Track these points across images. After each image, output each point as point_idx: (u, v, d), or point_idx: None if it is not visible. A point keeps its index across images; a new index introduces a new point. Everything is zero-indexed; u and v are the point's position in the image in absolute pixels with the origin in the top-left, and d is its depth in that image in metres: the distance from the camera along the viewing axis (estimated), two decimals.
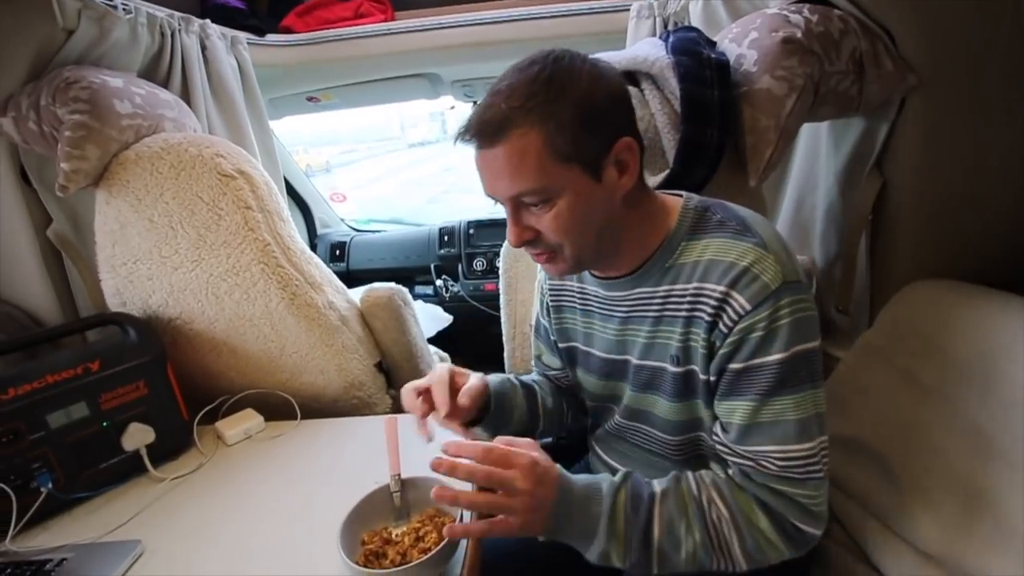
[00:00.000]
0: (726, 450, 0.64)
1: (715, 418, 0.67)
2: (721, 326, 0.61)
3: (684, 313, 0.65)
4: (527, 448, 0.62)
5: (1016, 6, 0.84)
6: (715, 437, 0.66)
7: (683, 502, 0.62)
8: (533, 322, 0.95)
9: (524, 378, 0.90)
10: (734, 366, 0.61)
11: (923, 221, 0.98)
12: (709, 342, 0.63)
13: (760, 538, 0.60)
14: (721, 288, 0.61)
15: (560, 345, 0.86)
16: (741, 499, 0.62)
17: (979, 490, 0.73)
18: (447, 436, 0.69)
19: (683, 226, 0.67)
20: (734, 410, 0.62)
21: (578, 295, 0.81)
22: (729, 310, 0.60)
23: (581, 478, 0.64)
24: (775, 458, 0.60)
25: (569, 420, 0.93)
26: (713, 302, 0.62)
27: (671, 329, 0.67)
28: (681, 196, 0.71)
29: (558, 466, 0.63)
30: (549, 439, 1.36)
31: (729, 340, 0.61)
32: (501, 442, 0.62)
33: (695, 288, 0.64)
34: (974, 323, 0.82)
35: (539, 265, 0.86)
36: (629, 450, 0.80)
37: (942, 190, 0.96)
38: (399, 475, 0.73)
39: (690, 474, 0.65)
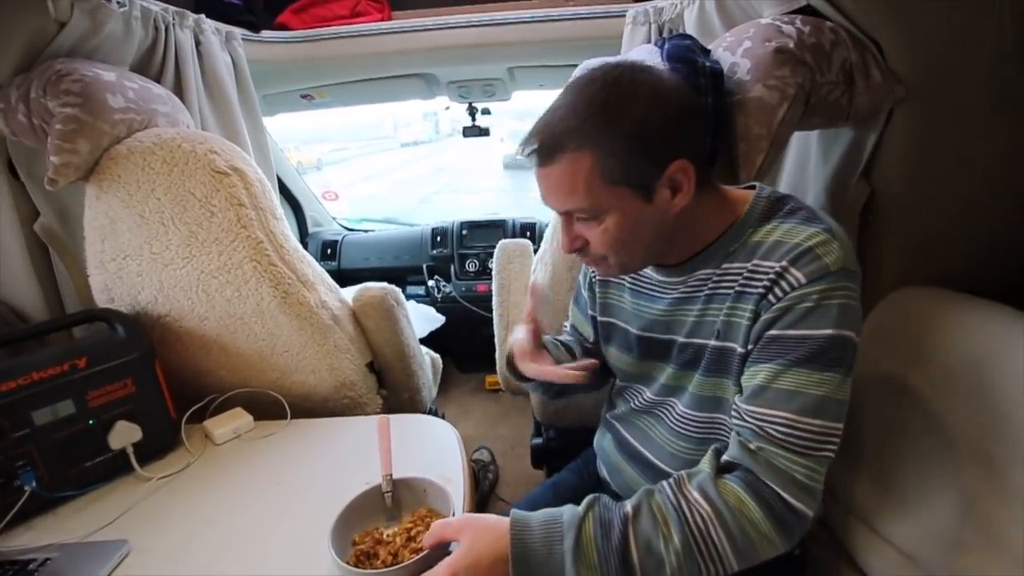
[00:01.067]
0: (736, 416, 0.64)
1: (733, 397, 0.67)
2: (771, 296, 0.62)
3: (735, 289, 0.66)
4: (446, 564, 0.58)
5: (1000, 21, 0.86)
6: (732, 408, 0.66)
7: (659, 514, 0.59)
8: (573, 298, 0.97)
9: (560, 338, 0.94)
10: (773, 332, 0.62)
11: (910, 230, 1.00)
12: (755, 313, 0.64)
13: (750, 530, 0.58)
14: (780, 264, 0.62)
15: (599, 319, 0.87)
16: (727, 491, 0.59)
17: (964, 494, 0.74)
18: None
19: (753, 214, 0.69)
20: (757, 373, 0.62)
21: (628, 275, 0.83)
22: (783, 283, 0.61)
23: (539, 515, 0.61)
24: (780, 424, 0.59)
25: (597, 380, 0.93)
26: (769, 277, 0.63)
27: (720, 306, 0.68)
28: (755, 187, 0.73)
29: (505, 518, 0.61)
30: (539, 440, 1.37)
31: (776, 307, 0.61)
32: (432, 535, 0.60)
33: (752, 265, 0.65)
34: (959, 330, 0.84)
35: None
36: (651, 426, 0.81)
37: (928, 199, 0.98)
38: (391, 475, 0.73)
39: (665, 482, 0.63)
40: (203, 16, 1.27)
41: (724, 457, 0.64)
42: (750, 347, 0.65)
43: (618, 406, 0.88)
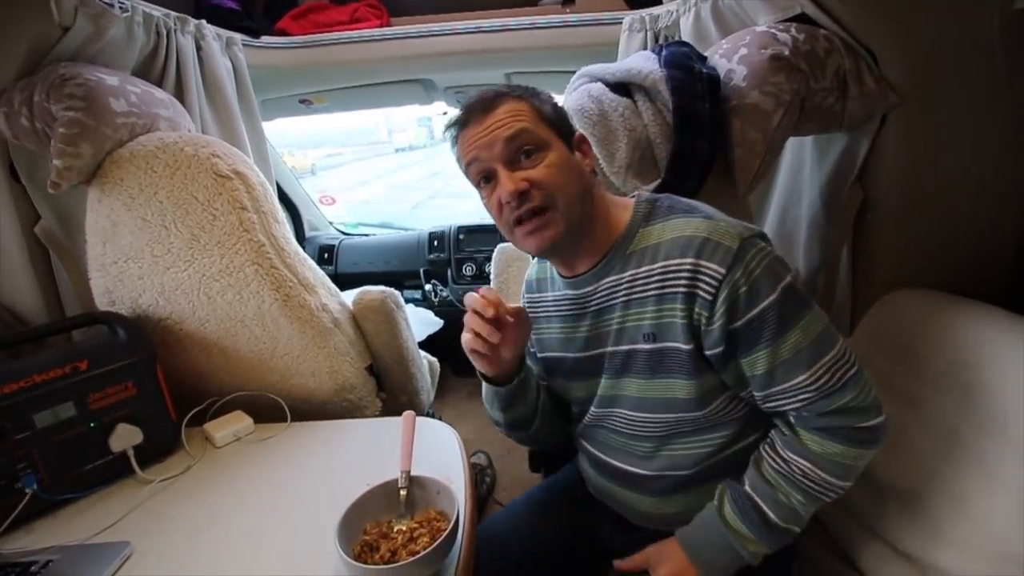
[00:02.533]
0: (767, 405, 0.70)
1: (698, 396, 0.71)
2: (702, 294, 0.66)
3: (654, 291, 0.70)
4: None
5: (991, 29, 0.89)
6: (758, 401, 0.71)
7: (772, 480, 0.70)
8: None
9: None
10: (736, 325, 0.65)
11: (902, 233, 1.02)
12: (693, 313, 0.67)
13: (843, 460, 0.66)
14: (688, 260, 0.66)
15: (539, 355, 0.88)
16: (808, 440, 0.68)
17: (956, 493, 0.76)
18: None
19: (638, 216, 0.74)
20: (755, 363, 0.67)
21: (552, 303, 0.84)
22: (705, 277, 0.65)
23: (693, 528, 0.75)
24: (807, 384, 0.65)
25: (556, 429, 0.93)
26: (685, 275, 0.67)
27: (641, 310, 0.71)
28: (633, 196, 0.79)
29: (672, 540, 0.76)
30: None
31: (719, 304, 0.65)
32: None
33: (661, 267, 0.69)
34: (951, 332, 0.85)
35: (524, 279, 0.89)
36: (605, 437, 0.82)
37: (921, 204, 1.00)
38: (408, 472, 0.74)
39: (763, 448, 0.72)
40: (204, 22, 1.28)
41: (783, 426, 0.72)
42: (716, 349, 0.67)
43: (576, 426, 0.89)
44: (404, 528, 0.68)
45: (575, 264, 0.77)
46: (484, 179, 0.73)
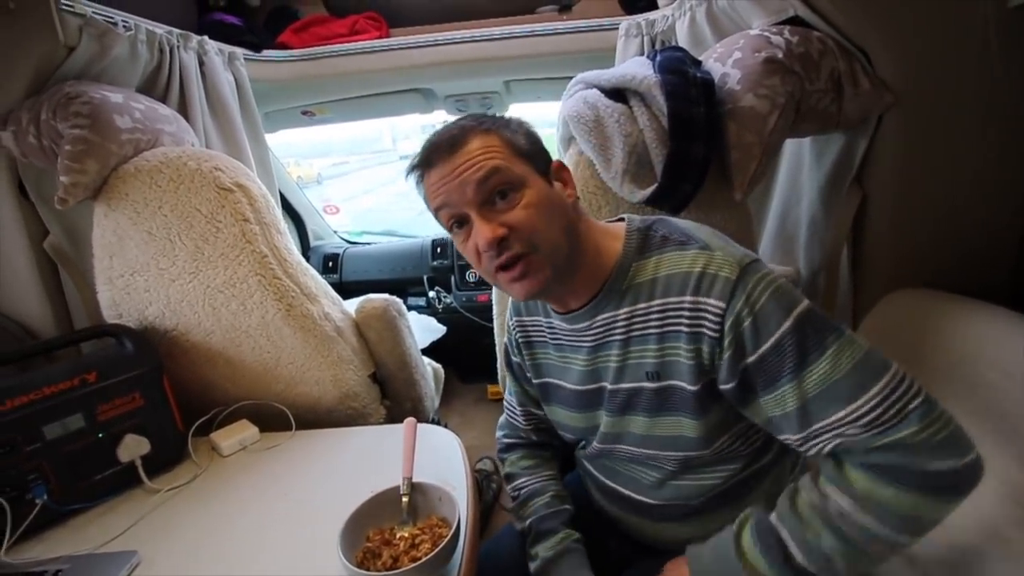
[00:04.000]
0: (804, 445, 0.60)
1: (705, 434, 0.66)
2: (708, 333, 0.61)
3: (655, 330, 0.66)
4: None
5: (985, 29, 0.89)
6: (788, 441, 0.62)
7: (802, 516, 0.59)
8: (504, 364, 0.93)
9: (567, 507, 0.85)
10: (749, 361, 0.60)
11: (902, 233, 1.02)
12: (699, 353, 0.63)
13: (896, 506, 0.54)
14: (688, 298, 0.62)
15: (535, 381, 0.86)
16: (853, 476, 0.56)
17: None
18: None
19: (631, 247, 0.69)
20: (782, 401, 0.59)
21: (547, 329, 0.81)
22: (706, 315, 0.61)
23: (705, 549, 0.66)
24: (850, 419, 0.55)
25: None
26: (687, 313, 0.62)
27: (642, 348, 0.68)
28: (623, 220, 0.73)
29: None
30: None
31: (726, 343, 0.60)
32: None
33: (660, 304, 0.65)
34: (952, 330, 0.85)
35: (510, 301, 0.87)
36: (611, 464, 0.81)
37: (919, 203, 0.99)
38: (410, 478, 0.75)
39: (799, 481, 0.62)
40: (206, 38, 1.30)
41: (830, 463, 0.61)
42: (727, 384, 0.62)
43: (579, 450, 0.87)
44: (406, 535, 0.69)
45: (567, 301, 0.73)
46: (456, 224, 0.67)
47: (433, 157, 0.66)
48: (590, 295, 0.71)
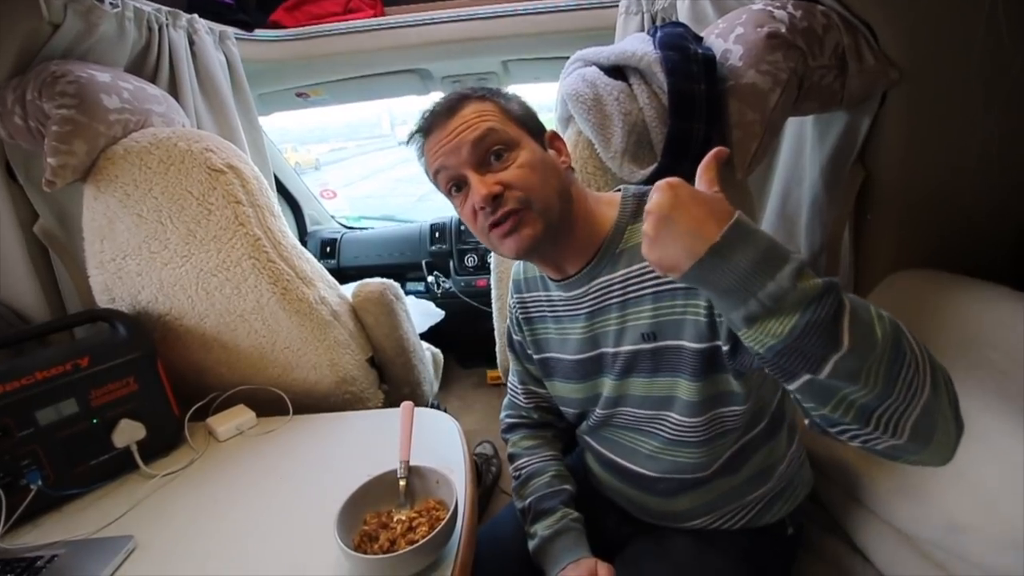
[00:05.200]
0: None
1: (700, 400, 0.66)
2: None
3: (650, 290, 0.67)
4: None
5: (993, 3, 0.86)
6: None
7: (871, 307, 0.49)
8: (506, 344, 0.94)
9: (567, 487, 0.84)
10: None
11: (904, 212, 1.01)
12: (700, 306, 0.62)
13: (945, 392, 0.48)
14: None
15: (535, 357, 0.86)
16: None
17: (959, 473, 0.75)
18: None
19: (625, 212, 0.71)
20: None
21: (546, 303, 0.81)
22: None
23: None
24: None
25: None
26: None
27: (638, 309, 0.68)
28: (619, 190, 0.75)
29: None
30: None
31: None
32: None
33: None
34: (954, 311, 0.84)
35: (511, 279, 0.87)
36: (612, 434, 0.81)
37: (923, 182, 0.98)
38: (407, 462, 0.74)
39: None
40: (196, 16, 1.27)
41: None
42: (725, 346, 0.60)
43: (580, 425, 0.87)
44: (403, 518, 0.68)
45: (562, 266, 0.74)
46: (455, 187, 0.69)
47: (432, 123, 0.69)
48: (586, 259, 0.72)
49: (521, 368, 0.93)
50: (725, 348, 0.62)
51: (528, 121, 0.70)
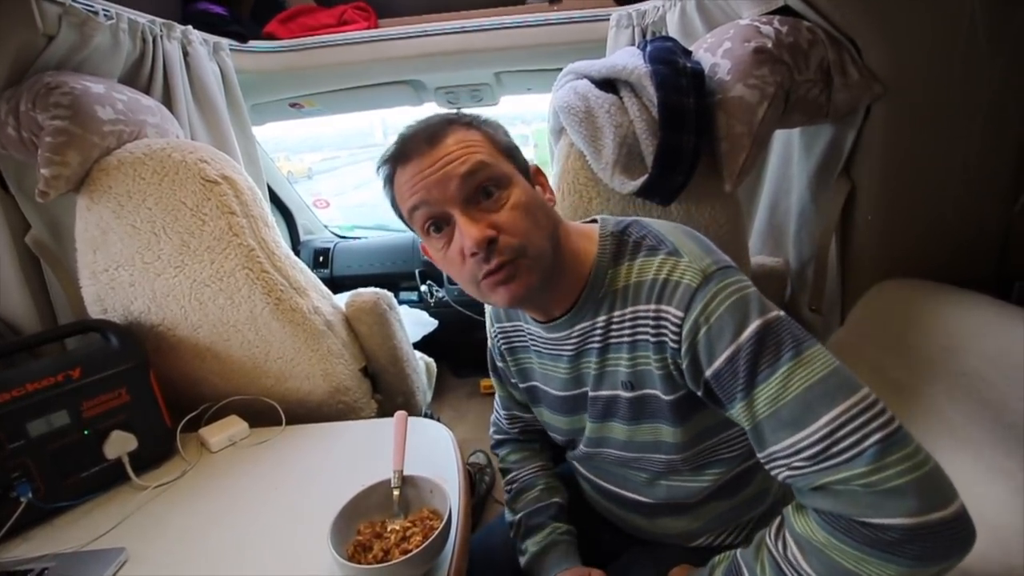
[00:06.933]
0: (767, 466, 0.55)
1: (686, 440, 0.65)
2: (669, 342, 0.59)
3: (627, 339, 0.64)
4: None
5: (972, 20, 0.89)
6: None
7: (760, 560, 0.55)
8: (489, 367, 0.93)
9: (557, 500, 0.85)
10: (707, 375, 0.57)
11: (890, 223, 1.03)
12: (665, 362, 0.61)
13: (833, 555, 0.48)
14: (652, 306, 0.60)
15: (521, 385, 0.85)
16: (800, 520, 0.52)
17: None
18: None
19: (605, 254, 0.66)
20: (740, 418, 0.56)
21: (528, 336, 0.79)
22: (667, 323, 0.59)
23: None
24: (799, 450, 0.50)
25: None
26: (651, 321, 0.61)
27: (617, 356, 0.66)
28: (596, 222, 0.70)
29: None
30: None
31: (684, 352, 0.58)
32: None
33: (631, 312, 0.63)
34: (939, 320, 0.86)
35: (489, 310, 0.86)
36: (600, 465, 0.80)
37: (906, 193, 1.00)
38: (401, 471, 0.74)
39: (774, 522, 0.57)
40: (190, 27, 1.27)
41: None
42: (699, 392, 0.60)
43: (568, 451, 0.86)
44: (397, 527, 0.69)
45: (549, 309, 0.70)
46: (434, 227, 0.61)
47: (409, 149, 0.60)
48: (570, 303, 0.68)
49: (505, 393, 0.92)
50: (699, 393, 0.60)
51: (516, 155, 0.65)
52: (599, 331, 0.67)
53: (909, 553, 0.45)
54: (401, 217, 0.66)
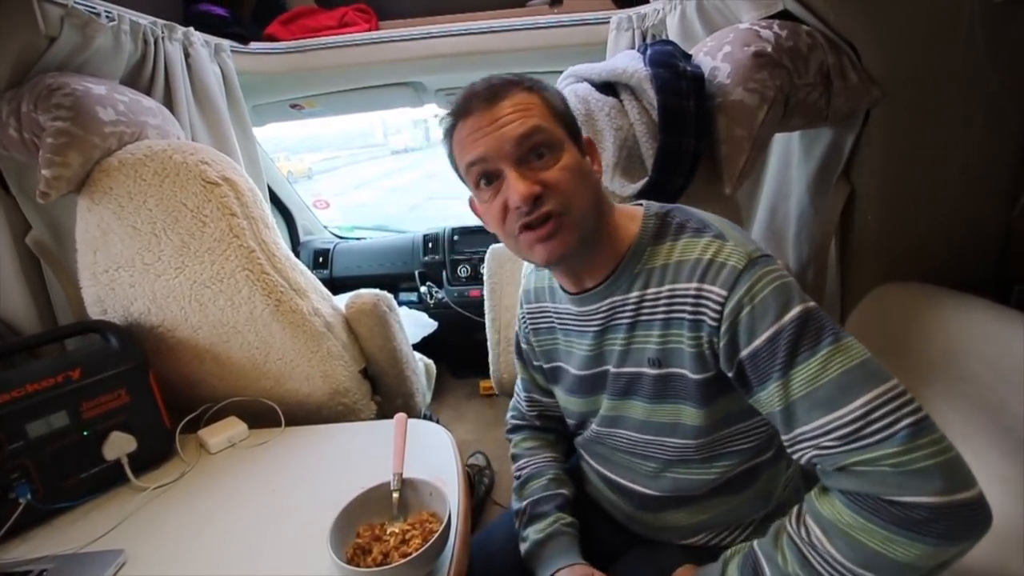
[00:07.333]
0: (790, 449, 0.58)
1: (706, 424, 0.66)
2: (708, 320, 0.60)
3: (661, 316, 0.65)
4: None
5: (971, 23, 0.89)
6: (786, 446, 0.59)
7: (779, 546, 0.57)
8: (514, 351, 0.94)
9: (564, 492, 0.85)
10: (743, 354, 0.58)
11: (889, 226, 1.03)
12: (699, 340, 0.62)
13: (860, 536, 0.50)
14: (693, 285, 0.62)
15: (545, 366, 0.86)
16: (825, 503, 0.54)
17: None
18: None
19: (647, 232, 0.68)
20: (771, 400, 0.57)
21: (554, 315, 0.81)
22: (707, 302, 0.60)
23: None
24: (831, 430, 0.52)
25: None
26: (690, 300, 0.62)
27: (647, 333, 0.67)
28: (641, 205, 0.72)
29: None
30: None
31: (723, 331, 0.59)
32: None
33: (668, 291, 0.64)
34: (938, 323, 0.86)
35: (521, 289, 0.86)
36: (607, 452, 0.81)
37: (907, 196, 1.00)
38: (401, 474, 0.74)
39: (792, 511, 0.59)
40: (192, 29, 1.28)
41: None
42: (730, 373, 0.61)
43: (577, 436, 0.87)
44: (397, 530, 0.69)
45: (583, 278, 0.71)
46: (485, 180, 0.64)
47: (471, 106, 0.63)
48: (604, 275, 0.69)
49: (527, 376, 0.93)
50: (730, 374, 0.61)
51: (570, 123, 0.67)
52: (631, 307, 0.68)
53: (935, 532, 0.47)
54: (456, 169, 0.69)
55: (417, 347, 1.51)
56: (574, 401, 0.81)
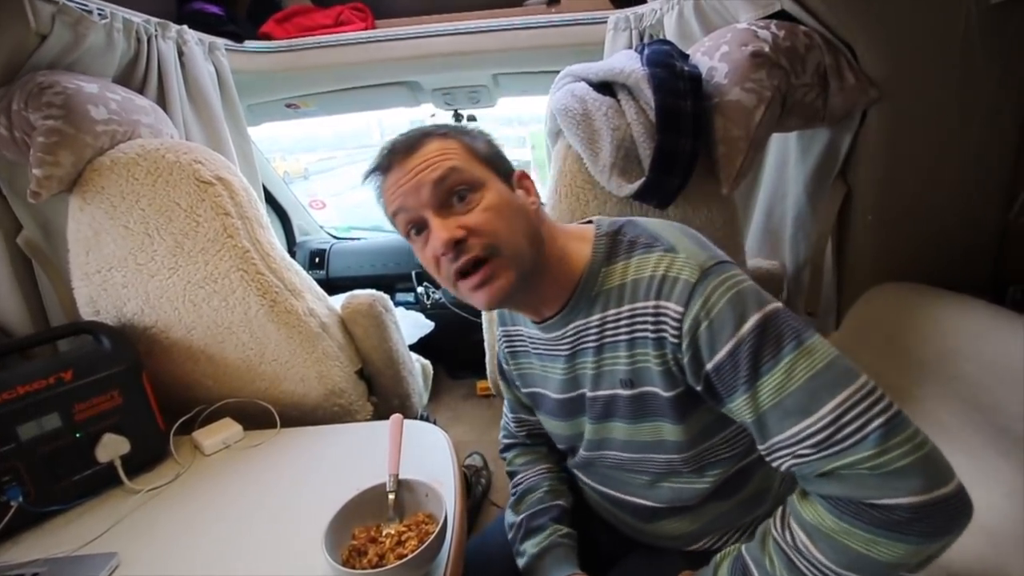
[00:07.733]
0: (768, 459, 0.57)
1: (688, 438, 0.65)
2: (669, 338, 0.59)
3: (624, 336, 0.64)
4: None
5: (968, 24, 0.89)
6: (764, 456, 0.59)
7: (763, 545, 0.58)
8: (497, 371, 0.93)
9: (560, 502, 0.84)
10: (708, 368, 0.58)
11: (886, 227, 1.03)
12: (665, 358, 0.61)
13: (842, 539, 0.51)
14: (651, 303, 0.61)
15: (524, 390, 0.85)
16: (807, 508, 0.54)
17: None
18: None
19: (599, 253, 0.67)
20: (741, 412, 0.57)
21: (528, 340, 0.79)
22: (666, 319, 0.59)
23: None
24: (805, 438, 0.52)
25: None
26: (650, 318, 0.61)
27: (615, 354, 0.66)
28: (591, 223, 0.71)
29: None
30: None
31: (685, 347, 0.58)
32: None
33: (628, 310, 0.63)
34: (934, 324, 0.86)
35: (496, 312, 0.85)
36: (600, 471, 0.80)
37: (903, 197, 1.00)
38: (396, 475, 0.74)
39: (777, 513, 0.59)
40: (186, 27, 1.27)
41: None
42: (698, 388, 0.60)
43: (568, 458, 0.86)
44: (392, 532, 0.68)
45: (540, 309, 0.71)
46: (415, 230, 0.64)
47: (390, 160, 0.65)
48: (562, 302, 0.68)
49: (512, 396, 0.92)
50: (698, 388, 0.60)
51: (495, 160, 0.66)
52: (594, 330, 0.67)
53: (917, 531, 0.48)
54: (393, 224, 0.69)
55: (414, 348, 1.50)
56: (558, 424, 0.79)
